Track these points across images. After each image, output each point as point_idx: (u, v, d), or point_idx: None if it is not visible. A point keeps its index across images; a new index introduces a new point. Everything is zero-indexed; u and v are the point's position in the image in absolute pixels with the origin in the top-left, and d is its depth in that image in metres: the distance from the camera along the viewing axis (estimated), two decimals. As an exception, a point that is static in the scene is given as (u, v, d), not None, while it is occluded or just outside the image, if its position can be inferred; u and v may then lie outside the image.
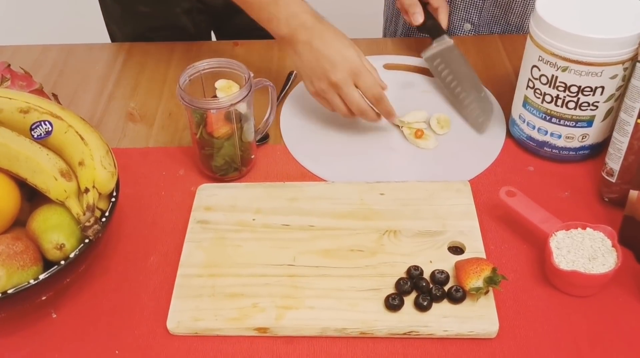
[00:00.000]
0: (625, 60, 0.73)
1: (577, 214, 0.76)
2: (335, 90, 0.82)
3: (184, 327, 0.66)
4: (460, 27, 1.08)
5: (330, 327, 0.66)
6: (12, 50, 1.07)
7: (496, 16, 1.06)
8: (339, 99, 0.82)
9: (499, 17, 1.06)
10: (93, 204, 0.66)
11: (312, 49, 0.81)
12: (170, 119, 0.93)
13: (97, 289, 0.71)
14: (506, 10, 1.04)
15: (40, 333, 0.67)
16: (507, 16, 1.05)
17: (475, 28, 1.08)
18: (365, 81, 0.81)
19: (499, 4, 1.04)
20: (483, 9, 1.05)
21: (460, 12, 1.06)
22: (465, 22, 1.07)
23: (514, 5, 1.04)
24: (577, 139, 0.80)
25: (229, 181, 0.82)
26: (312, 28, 0.81)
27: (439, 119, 0.89)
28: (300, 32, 0.81)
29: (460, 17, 1.07)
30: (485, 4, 1.04)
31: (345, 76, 0.80)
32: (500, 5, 1.04)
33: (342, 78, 0.80)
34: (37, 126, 0.68)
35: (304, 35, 0.81)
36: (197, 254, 0.73)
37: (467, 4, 1.05)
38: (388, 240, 0.73)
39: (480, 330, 0.65)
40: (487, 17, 1.06)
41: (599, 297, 0.69)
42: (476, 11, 1.06)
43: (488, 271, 0.66)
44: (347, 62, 0.80)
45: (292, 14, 0.81)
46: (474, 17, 1.06)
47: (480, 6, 1.05)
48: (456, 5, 1.06)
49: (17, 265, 0.62)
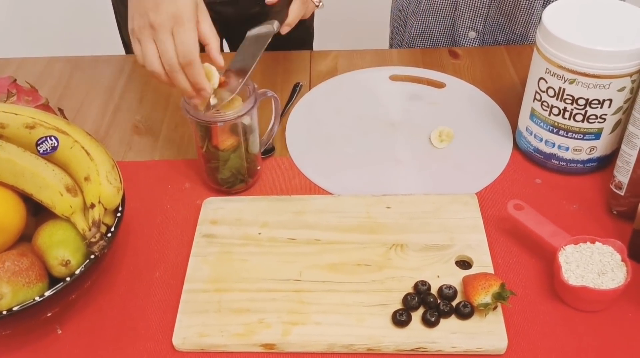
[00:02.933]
0: (633, 72, 0.73)
1: (585, 227, 0.76)
2: (151, 33, 0.70)
3: (190, 343, 0.66)
4: (465, 35, 1.08)
5: (337, 343, 0.65)
6: (18, 63, 1.07)
7: (501, 24, 1.06)
8: (153, 45, 0.71)
9: (503, 25, 1.06)
10: (99, 219, 0.66)
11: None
12: (176, 131, 0.93)
13: (102, 304, 0.71)
14: (510, 18, 1.04)
15: (45, 349, 0.67)
16: (512, 24, 1.05)
17: (480, 36, 1.08)
18: (182, 35, 0.69)
19: (503, 12, 1.04)
20: (488, 17, 1.05)
21: (465, 21, 1.06)
22: (470, 30, 1.07)
23: (518, 14, 1.03)
24: (585, 151, 0.80)
25: (235, 194, 0.82)
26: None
27: (442, 131, 0.88)
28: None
29: (465, 26, 1.07)
30: (490, 12, 1.04)
31: (165, 19, 0.69)
32: (504, 13, 1.04)
33: (159, 21, 0.69)
34: (43, 141, 0.68)
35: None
36: (203, 268, 0.72)
37: (472, 12, 1.05)
38: (395, 254, 0.73)
39: (489, 346, 0.64)
40: (492, 25, 1.06)
41: (608, 312, 0.68)
42: (481, 19, 1.06)
43: (496, 286, 0.66)
44: (174, 5, 0.69)
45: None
46: (479, 25, 1.06)
47: (485, 14, 1.05)
48: (461, 13, 1.06)
49: (23, 282, 0.61)
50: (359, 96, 0.97)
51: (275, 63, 1.04)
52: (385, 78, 0.99)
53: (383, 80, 0.99)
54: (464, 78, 0.99)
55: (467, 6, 1.05)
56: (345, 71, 1.02)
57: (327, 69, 1.03)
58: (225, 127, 0.76)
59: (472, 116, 0.93)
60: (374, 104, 0.95)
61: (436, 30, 1.11)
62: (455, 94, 0.96)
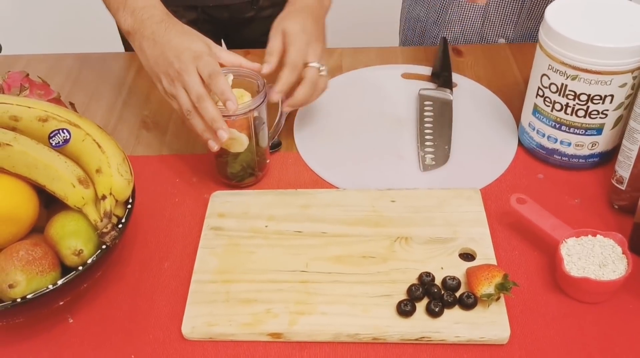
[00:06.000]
0: (634, 69, 0.74)
1: (587, 221, 0.77)
2: (179, 82, 0.75)
3: (198, 332, 0.67)
4: (494, 41, 1.08)
5: (342, 333, 0.66)
6: (27, 59, 1.09)
7: (530, 29, 1.06)
8: (184, 92, 0.75)
9: (533, 30, 1.06)
10: (110, 210, 0.67)
11: (157, 44, 0.76)
12: (183, 126, 0.94)
13: (113, 295, 0.72)
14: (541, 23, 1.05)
15: (57, 338, 0.68)
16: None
17: (508, 42, 1.08)
18: (204, 63, 0.74)
19: (533, 16, 1.04)
20: (517, 24, 1.05)
21: (494, 27, 1.06)
22: (499, 37, 1.07)
23: None
24: (587, 147, 0.81)
25: (245, 187, 0.83)
26: (160, 22, 0.77)
27: None
28: (146, 26, 0.77)
29: (494, 32, 1.06)
30: (520, 19, 1.04)
31: (188, 63, 0.74)
32: (535, 17, 1.04)
33: (184, 66, 0.74)
34: (56, 134, 0.69)
35: (149, 29, 0.77)
36: (211, 260, 0.74)
37: (502, 18, 1.04)
38: (399, 246, 0.74)
39: (492, 336, 0.66)
40: (522, 30, 1.06)
41: (609, 304, 0.69)
42: (511, 25, 1.06)
43: (499, 277, 0.67)
44: (192, 51, 0.74)
45: (141, 7, 0.78)
46: (509, 32, 1.06)
47: (514, 20, 1.04)
48: (490, 20, 1.05)
49: (37, 271, 0.63)
50: (367, 93, 0.98)
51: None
52: (397, 76, 1.01)
53: (393, 77, 1.00)
54: (467, 76, 1.00)
55: (497, 14, 1.05)
56: (349, 68, 1.03)
57: (332, 66, 1.04)
58: (237, 122, 0.78)
59: (477, 113, 0.94)
60: (381, 100, 0.96)
61: (462, 38, 1.10)
62: (460, 91, 0.98)
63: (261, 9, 1.15)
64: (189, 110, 0.75)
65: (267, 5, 1.14)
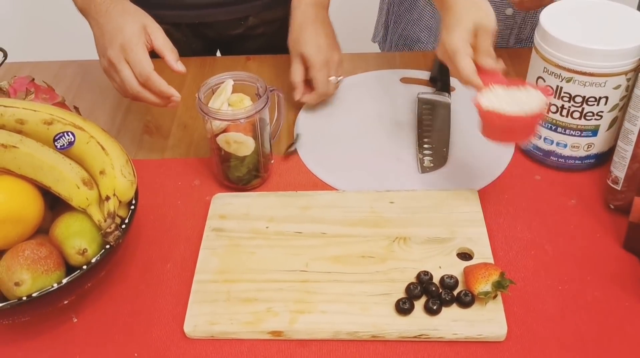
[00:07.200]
0: (628, 71, 0.75)
1: (583, 221, 0.78)
2: (113, 68, 0.78)
3: (200, 331, 0.68)
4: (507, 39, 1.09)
5: (342, 331, 0.68)
6: (32, 66, 1.10)
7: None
8: (118, 77, 0.79)
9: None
10: (114, 211, 0.68)
11: (97, 24, 0.79)
12: (185, 131, 0.96)
13: (116, 294, 0.73)
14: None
15: (61, 336, 0.70)
16: None
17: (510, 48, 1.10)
18: (133, 57, 0.76)
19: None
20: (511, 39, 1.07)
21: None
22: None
23: None
24: (583, 148, 0.82)
25: (251, 190, 0.84)
26: (102, 3, 0.79)
27: None
28: (91, 5, 0.80)
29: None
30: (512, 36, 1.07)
31: (117, 52, 0.76)
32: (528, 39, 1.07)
33: (114, 55, 0.77)
34: (60, 136, 0.71)
35: (93, 8, 0.80)
36: (212, 260, 0.75)
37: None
38: (398, 246, 0.75)
39: (489, 333, 0.67)
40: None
41: (606, 302, 0.70)
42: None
43: (496, 275, 0.68)
44: (120, 37, 0.76)
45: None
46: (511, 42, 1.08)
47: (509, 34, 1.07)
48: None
49: (42, 269, 0.64)
50: (367, 97, 0.99)
51: (282, 65, 1.07)
52: (396, 80, 1.02)
53: (392, 82, 1.02)
54: (465, 80, 1.01)
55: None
56: (349, 73, 1.04)
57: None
58: (242, 125, 0.79)
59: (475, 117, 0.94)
60: (380, 104, 0.98)
61: None
62: (458, 95, 0.99)
63: (251, 28, 1.14)
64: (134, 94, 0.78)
65: (258, 23, 1.14)
